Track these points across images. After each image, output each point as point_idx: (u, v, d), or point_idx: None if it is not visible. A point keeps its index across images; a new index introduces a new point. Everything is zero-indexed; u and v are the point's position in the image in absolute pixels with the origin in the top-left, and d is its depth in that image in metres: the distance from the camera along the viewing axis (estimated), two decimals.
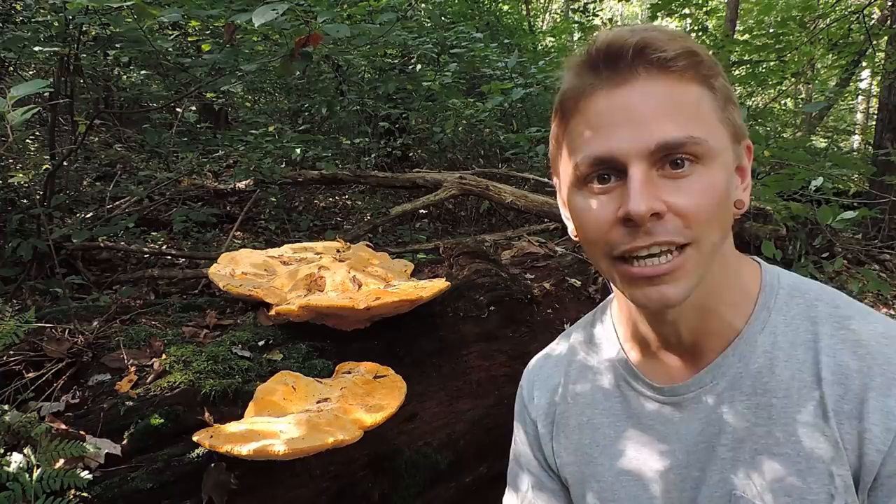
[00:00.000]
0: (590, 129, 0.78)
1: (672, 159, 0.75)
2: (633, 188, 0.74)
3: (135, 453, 1.33)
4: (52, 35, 3.32)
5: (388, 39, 4.20)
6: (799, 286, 0.87)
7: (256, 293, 1.77)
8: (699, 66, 0.77)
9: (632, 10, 18.52)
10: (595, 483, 0.95)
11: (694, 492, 0.86)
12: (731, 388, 0.84)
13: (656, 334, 0.90)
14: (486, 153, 6.51)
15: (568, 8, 13.41)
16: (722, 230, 0.79)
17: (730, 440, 0.83)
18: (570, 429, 1.00)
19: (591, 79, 0.78)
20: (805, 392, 0.79)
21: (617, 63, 0.76)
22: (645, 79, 0.75)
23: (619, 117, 0.76)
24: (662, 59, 0.75)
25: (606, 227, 0.78)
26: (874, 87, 11.77)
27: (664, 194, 0.75)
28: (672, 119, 0.74)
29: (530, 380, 1.09)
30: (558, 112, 0.85)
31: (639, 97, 0.75)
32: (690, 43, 0.77)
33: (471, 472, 1.77)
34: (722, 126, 0.79)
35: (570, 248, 2.55)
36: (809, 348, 0.81)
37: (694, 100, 0.76)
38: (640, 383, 0.92)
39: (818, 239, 3.46)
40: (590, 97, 0.78)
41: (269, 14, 2.18)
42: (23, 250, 2.95)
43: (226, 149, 5.27)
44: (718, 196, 0.77)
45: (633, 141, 0.75)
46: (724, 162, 0.78)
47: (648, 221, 0.74)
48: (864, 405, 0.75)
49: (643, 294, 0.79)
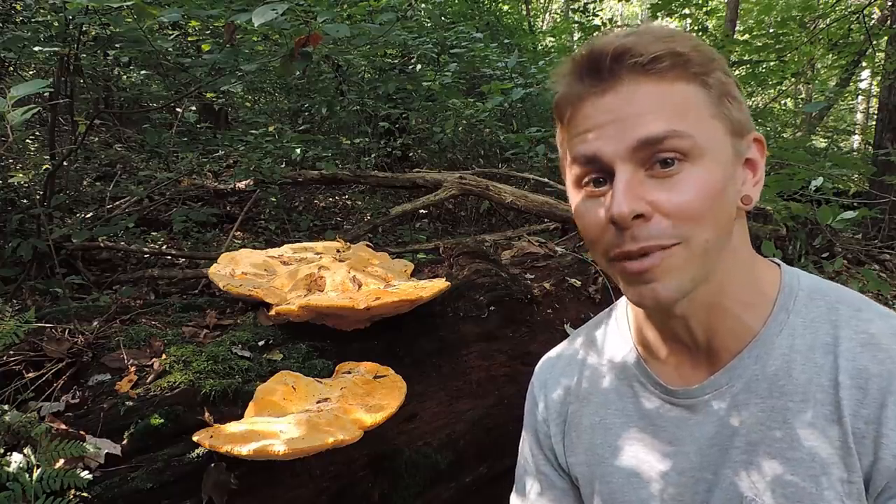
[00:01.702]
0: (581, 135, 0.80)
1: (659, 158, 0.75)
2: (617, 189, 0.76)
3: (135, 453, 1.32)
4: (52, 35, 3.32)
5: (388, 39, 4.20)
6: (820, 288, 0.86)
7: (256, 293, 1.77)
8: (686, 65, 0.77)
9: (632, 10, 18.52)
10: (605, 484, 0.95)
11: (706, 495, 0.85)
12: (746, 390, 0.83)
13: (667, 334, 0.89)
14: (486, 153, 6.52)
15: (568, 8, 13.42)
16: (717, 227, 0.78)
17: (743, 443, 0.82)
18: (581, 428, 0.99)
19: (579, 87, 0.80)
20: (822, 396, 0.78)
21: (599, 71, 0.78)
22: (628, 83, 0.77)
23: (604, 121, 0.77)
24: (639, 64, 0.76)
25: (600, 230, 0.80)
26: (874, 87, 11.77)
27: (650, 195, 0.75)
28: (654, 117, 0.75)
29: (542, 379, 1.09)
30: (556, 118, 0.87)
31: (622, 101, 0.77)
32: (676, 43, 0.77)
33: (471, 472, 1.77)
34: (716, 121, 0.78)
35: (570, 248, 2.55)
36: (828, 352, 0.80)
37: (679, 98, 0.76)
38: (654, 385, 0.92)
39: (818, 239, 3.47)
40: (578, 104, 0.81)
41: (269, 14, 2.18)
42: (23, 250, 2.95)
43: (226, 149, 5.27)
44: (710, 192, 0.76)
45: (617, 142, 0.76)
46: (718, 158, 0.78)
47: (633, 224, 0.75)
48: (882, 410, 0.75)
49: (637, 292, 0.79)
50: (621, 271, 0.80)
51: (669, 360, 0.91)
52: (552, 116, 0.90)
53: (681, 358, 0.90)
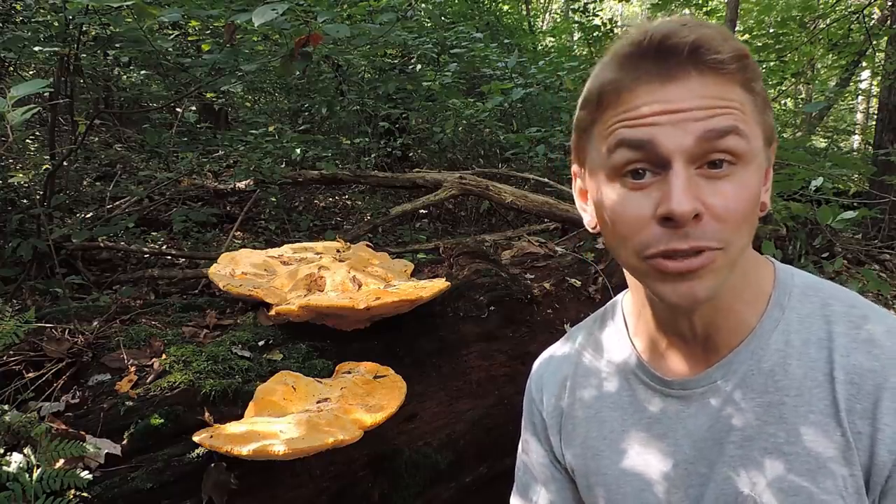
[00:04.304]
0: (631, 120, 0.76)
1: (711, 158, 0.74)
2: (677, 186, 0.72)
3: (135, 453, 1.33)
4: (52, 35, 3.33)
5: (388, 39, 4.20)
6: (813, 285, 0.87)
7: (256, 293, 1.77)
8: (746, 70, 0.76)
9: (632, 10, 18.51)
10: (601, 476, 0.95)
11: (701, 488, 0.86)
12: (742, 385, 0.84)
13: (671, 329, 0.89)
14: (486, 153, 6.52)
15: (568, 8, 13.41)
16: (751, 233, 0.79)
17: (739, 438, 0.83)
18: (577, 421, 1.00)
19: (638, 72, 0.76)
20: (817, 391, 0.79)
21: (668, 59, 0.74)
22: (695, 77, 0.74)
23: (664, 110, 0.74)
24: (716, 61, 0.74)
25: (641, 225, 0.76)
26: (874, 87, 11.77)
27: (703, 195, 0.74)
28: (720, 112, 0.74)
29: (539, 373, 1.10)
30: (594, 100, 0.81)
31: (688, 94, 0.74)
32: (740, 45, 0.76)
33: (471, 472, 1.77)
34: (758, 128, 0.78)
35: (570, 248, 2.55)
36: (823, 347, 0.80)
37: (738, 101, 0.75)
38: (650, 377, 0.92)
39: (818, 239, 3.47)
40: (634, 90, 0.76)
41: (269, 14, 2.18)
42: (23, 250, 2.95)
43: (226, 149, 5.27)
44: (752, 199, 0.76)
45: (680, 134, 0.73)
46: (759, 164, 0.78)
47: (689, 223, 0.73)
48: (877, 406, 0.75)
49: (673, 290, 0.77)
50: (660, 268, 0.77)
51: (667, 354, 0.91)
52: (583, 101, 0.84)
53: (678, 351, 0.90)
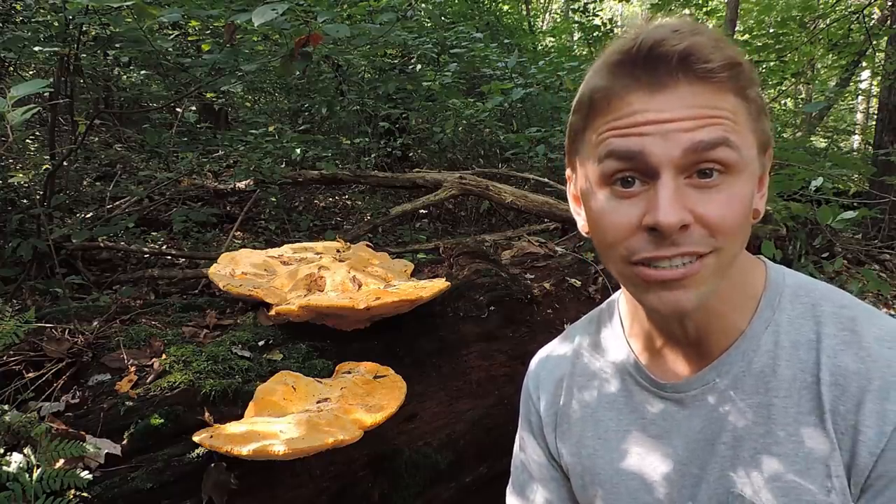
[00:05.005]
0: (621, 129, 0.75)
1: (701, 168, 0.73)
2: (664, 197, 0.72)
3: (135, 453, 1.33)
4: (52, 35, 3.33)
5: (388, 39, 4.20)
6: (804, 285, 0.87)
7: (256, 293, 1.77)
8: (739, 77, 0.75)
9: (632, 10, 18.49)
10: (596, 476, 0.96)
11: (693, 489, 0.86)
12: (733, 386, 0.84)
13: (663, 332, 0.90)
14: (486, 153, 6.52)
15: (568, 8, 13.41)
16: (743, 241, 0.79)
17: (730, 438, 0.83)
18: (572, 421, 1.01)
19: (628, 79, 0.75)
20: (805, 392, 0.79)
21: (658, 68, 0.74)
22: (685, 86, 0.73)
23: (653, 119, 0.74)
24: (706, 70, 0.73)
25: (628, 233, 0.76)
26: (874, 87, 11.77)
27: (692, 204, 0.73)
28: (709, 123, 0.73)
29: (536, 371, 1.10)
30: (585, 106, 0.81)
31: (677, 104, 0.73)
32: (733, 52, 0.75)
33: (471, 472, 1.77)
34: (752, 136, 0.77)
35: (570, 248, 2.55)
36: (812, 348, 0.81)
37: (730, 109, 0.75)
38: (644, 379, 0.93)
39: (818, 239, 3.47)
40: (624, 97, 0.75)
41: (269, 14, 2.18)
42: (23, 250, 2.95)
43: (226, 149, 5.27)
44: (744, 207, 0.76)
45: (668, 145, 0.73)
46: (752, 172, 0.77)
47: (676, 233, 0.73)
48: (860, 408, 0.75)
49: (657, 298, 0.77)
50: (642, 276, 0.77)
51: (663, 353, 0.92)
52: (576, 106, 0.83)
53: (672, 353, 0.91)
